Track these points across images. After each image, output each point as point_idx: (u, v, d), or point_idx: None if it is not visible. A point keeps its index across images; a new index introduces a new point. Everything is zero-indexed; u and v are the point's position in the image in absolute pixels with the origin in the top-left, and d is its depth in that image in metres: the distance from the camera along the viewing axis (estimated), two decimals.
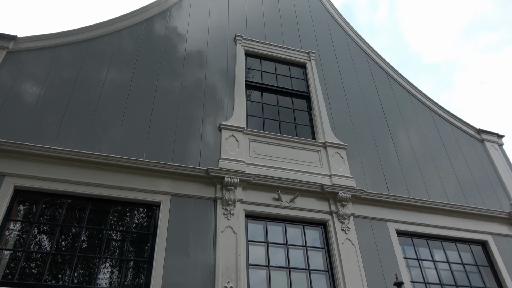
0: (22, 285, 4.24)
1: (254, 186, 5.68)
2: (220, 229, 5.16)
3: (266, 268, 5.20)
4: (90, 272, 4.60)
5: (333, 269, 5.39)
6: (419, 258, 6.06)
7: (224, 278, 4.78)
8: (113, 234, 4.95)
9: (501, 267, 6.27)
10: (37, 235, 4.70)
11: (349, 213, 5.85)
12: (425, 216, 6.37)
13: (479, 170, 7.58)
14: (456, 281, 6.02)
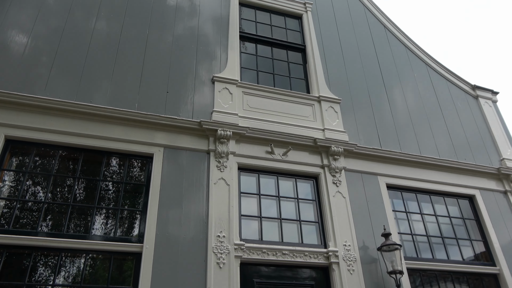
0: (18, 233, 4.31)
1: (247, 139, 5.68)
2: (213, 181, 5.21)
3: (258, 219, 5.32)
4: (85, 222, 4.67)
5: (323, 221, 5.53)
6: (407, 211, 6.22)
7: (217, 228, 4.89)
8: (107, 185, 4.99)
9: (486, 220, 6.46)
10: (31, 186, 4.72)
11: (341, 167, 5.92)
12: (416, 171, 6.47)
13: (471, 126, 7.63)
14: (442, 233, 6.22)
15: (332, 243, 5.28)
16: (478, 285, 5.98)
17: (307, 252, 5.13)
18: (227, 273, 4.63)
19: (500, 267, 6.04)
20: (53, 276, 4.26)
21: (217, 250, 4.73)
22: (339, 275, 5.05)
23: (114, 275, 4.49)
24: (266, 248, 4.99)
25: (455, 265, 5.86)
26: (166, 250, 4.59)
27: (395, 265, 5.08)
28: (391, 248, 5.17)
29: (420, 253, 5.89)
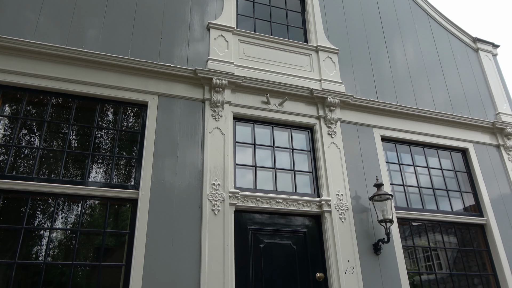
0: (14, 178, 4.34)
1: (242, 88, 5.61)
2: (208, 130, 5.20)
3: (252, 168, 5.37)
4: (81, 169, 4.70)
5: (317, 171, 5.60)
6: (401, 163, 6.30)
7: (212, 176, 4.94)
8: (101, 133, 4.97)
9: (477, 173, 6.57)
10: (25, 133, 4.70)
11: (337, 118, 5.91)
12: (411, 123, 6.48)
13: (470, 80, 7.56)
14: (433, 185, 6.34)
15: (325, 192, 5.38)
16: (465, 235, 6.19)
17: (300, 201, 5.24)
18: (222, 220, 4.73)
19: (488, 218, 6.22)
20: (50, 220, 4.34)
21: (212, 198, 4.81)
22: (331, 223, 5.19)
23: (111, 220, 4.58)
24: (260, 196, 5.08)
25: (444, 215, 6.03)
26: (161, 196, 4.66)
27: (385, 214, 5.21)
28: (382, 198, 5.27)
29: (411, 204, 6.03)
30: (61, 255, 4.29)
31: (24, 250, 4.17)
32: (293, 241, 5.10)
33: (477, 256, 6.07)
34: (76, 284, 4.20)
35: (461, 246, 6.04)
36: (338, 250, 5.02)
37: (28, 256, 4.17)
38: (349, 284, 4.86)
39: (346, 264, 4.98)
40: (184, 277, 4.34)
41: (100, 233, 4.45)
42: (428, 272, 5.73)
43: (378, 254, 5.23)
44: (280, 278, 4.83)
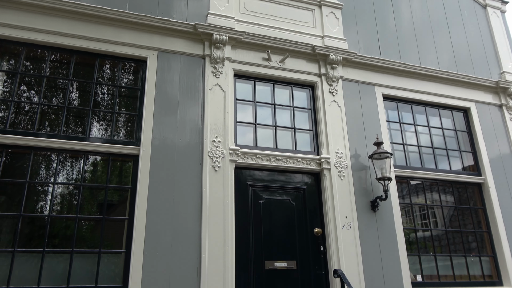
0: (16, 133, 4.36)
1: (243, 44, 5.51)
2: (209, 87, 5.16)
3: (253, 125, 5.38)
4: (82, 125, 4.71)
5: (317, 129, 5.60)
6: (401, 122, 6.28)
7: (212, 133, 4.96)
8: (101, 89, 4.94)
9: (478, 133, 6.56)
10: (24, 89, 4.67)
11: (338, 76, 5.84)
12: (414, 82, 6.41)
13: (476, 37, 7.39)
14: (433, 144, 6.36)
15: (325, 150, 5.41)
16: (463, 194, 6.27)
17: (300, 158, 5.28)
18: (222, 176, 4.80)
19: (485, 177, 6.28)
20: (53, 175, 4.40)
21: (212, 154, 4.84)
22: (330, 180, 5.25)
23: (113, 178, 4.65)
24: (260, 153, 5.12)
25: (442, 174, 6.09)
26: (162, 153, 4.69)
27: (384, 172, 5.26)
28: (382, 156, 5.31)
29: (410, 163, 6.07)
30: (65, 210, 4.39)
31: (29, 204, 4.26)
32: (292, 198, 5.19)
33: (473, 214, 6.18)
34: (81, 238, 4.32)
35: (457, 205, 6.14)
36: (336, 207, 5.11)
37: (33, 210, 4.27)
38: (346, 239, 5.00)
39: (343, 220, 5.09)
40: (185, 231, 4.46)
41: (103, 188, 4.53)
42: (423, 229, 5.87)
43: (375, 211, 5.34)
44: (279, 233, 4.96)
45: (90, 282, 4.14)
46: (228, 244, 4.51)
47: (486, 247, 6.04)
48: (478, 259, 5.91)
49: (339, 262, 4.86)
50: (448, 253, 5.75)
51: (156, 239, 4.34)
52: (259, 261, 4.75)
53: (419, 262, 5.53)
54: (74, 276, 4.12)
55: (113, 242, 4.43)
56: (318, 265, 4.96)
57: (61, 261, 4.14)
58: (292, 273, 4.84)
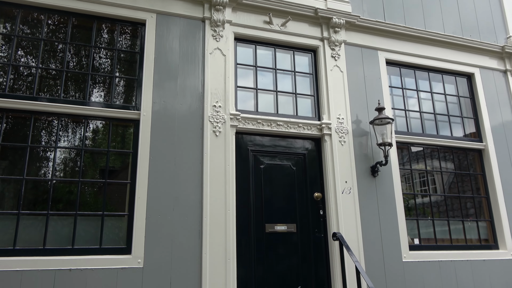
0: (15, 97, 4.33)
1: (244, 7, 5.37)
2: (209, 51, 5.08)
3: (254, 90, 5.33)
4: (81, 90, 4.67)
5: (319, 94, 5.55)
6: (404, 87, 6.22)
7: (213, 98, 4.92)
8: (100, 52, 4.87)
9: (481, 99, 6.51)
10: (22, 54, 4.60)
11: (341, 40, 5.73)
12: (418, 47, 6.29)
13: (483, 1, 7.19)
14: (435, 110, 6.32)
15: (326, 115, 5.39)
16: (463, 161, 6.29)
17: (301, 124, 5.27)
18: (223, 141, 4.80)
19: (486, 143, 6.28)
20: (54, 140, 4.41)
21: (213, 119, 4.83)
22: (330, 146, 5.26)
23: (115, 144, 4.66)
24: (261, 119, 5.10)
25: (443, 140, 6.08)
26: (163, 117, 4.68)
27: (385, 138, 5.26)
28: (383, 121, 5.29)
29: (411, 129, 6.06)
30: (68, 175, 4.43)
31: (31, 170, 4.29)
32: (293, 163, 5.22)
33: (472, 181, 6.23)
34: (84, 203, 4.37)
35: (457, 171, 6.18)
36: (336, 172, 5.15)
37: (36, 175, 4.30)
38: (345, 203, 5.06)
39: (343, 185, 5.13)
40: (187, 195, 4.51)
41: (104, 153, 4.55)
42: (422, 194, 5.93)
43: (375, 176, 5.37)
44: (279, 198, 5.02)
45: (95, 244, 4.23)
46: (229, 208, 4.57)
47: (483, 213, 6.13)
48: (476, 224, 6.00)
49: (338, 226, 4.94)
50: (446, 218, 5.84)
51: (158, 203, 4.40)
52: (259, 224, 4.84)
53: (417, 227, 5.62)
54: (79, 238, 4.21)
55: (116, 207, 4.50)
56: (317, 229, 5.05)
57: (65, 224, 4.22)
58: (292, 236, 4.93)
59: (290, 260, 4.85)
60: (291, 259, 4.86)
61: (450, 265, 5.41)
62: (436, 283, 5.26)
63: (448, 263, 5.41)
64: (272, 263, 4.77)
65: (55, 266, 3.91)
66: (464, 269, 5.47)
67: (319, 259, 4.96)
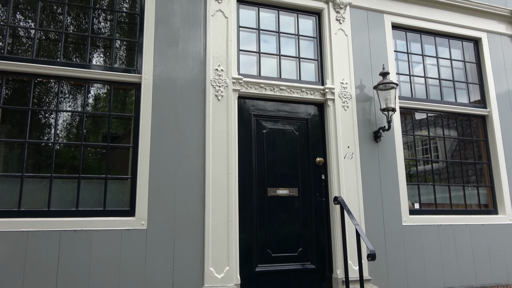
0: (15, 59, 4.27)
1: None
2: (211, 13, 4.96)
3: (256, 54, 5.24)
4: (81, 53, 4.60)
5: (322, 58, 5.46)
6: (409, 52, 6.11)
7: (215, 61, 4.85)
8: (99, 15, 4.76)
9: (487, 64, 6.41)
10: (20, 19, 4.50)
11: (346, 2, 5.58)
12: (425, 10, 6.13)
13: None
14: (440, 75, 6.23)
15: (329, 80, 5.32)
16: (466, 129, 6.25)
17: (304, 89, 5.21)
18: (225, 105, 4.77)
19: (491, 109, 6.23)
20: (55, 103, 4.39)
21: (215, 83, 4.78)
22: (333, 111, 5.22)
23: (116, 106, 4.63)
24: (263, 83, 5.04)
25: (447, 106, 6.03)
26: (164, 81, 4.63)
27: (388, 103, 5.21)
28: (387, 86, 5.23)
29: (415, 94, 5.99)
30: (70, 139, 4.43)
31: (33, 134, 4.29)
32: (295, 128, 5.20)
33: (475, 148, 6.22)
34: (88, 168, 4.39)
35: (460, 137, 6.16)
36: (339, 137, 5.14)
37: (38, 139, 4.31)
38: (347, 168, 5.08)
39: (346, 150, 5.13)
40: (189, 159, 4.52)
41: (106, 117, 4.53)
42: (424, 159, 5.95)
43: (377, 142, 5.36)
44: (282, 162, 5.04)
45: (99, 207, 4.28)
46: (231, 172, 4.60)
47: (484, 179, 6.16)
48: (476, 190, 6.05)
49: (339, 190, 4.98)
50: (447, 184, 5.88)
51: (161, 167, 4.42)
52: (261, 188, 4.88)
53: (418, 192, 5.67)
54: (83, 201, 4.26)
55: (119, 171, 4.52)
56: (319, 193, 5.09)
57: (69, 187, 4.26)
58: (294, 200, 4.99)
59: (292, 224, 4.92)
60: (292, 223, 4.93)
61: (449, 229, 5.49)
62: (435, 246, 5.36)
63: (447, 227, 5.49)
64: (274, 226, 4.84)
65: (60, 227, 3.98)
66: (462, 233, 5.55)
67: (320, 222, 5.03)
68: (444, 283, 5.31)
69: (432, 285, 5.25)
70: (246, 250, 4.65)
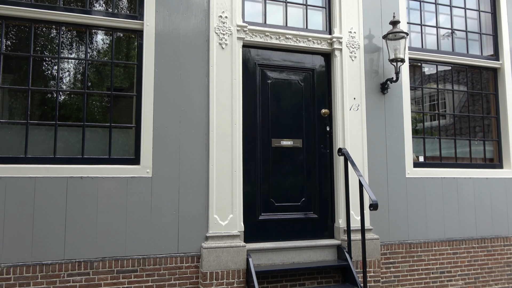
0: (11, 3, 4.16)
1: None
2: None
3: (262, 1, 5.06)
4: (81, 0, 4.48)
5: (331, 6, 5.27)
6: (422, 0, 5.86)
7: (219, 8, 4.69)
8: None
9: (503, 14, 6.19)
10: None
11: None
12: None
13: None
14: (452, 25, 6.01)
15: (337, 29, 5.15)
16: (476, 83, 6.10)
17: (311, 37, 5.06)
18: (229, 54, 4.66)
19: (503, 61, 6.06)
20: (57, 49, 4.31)
21: (219, 31, 4.65)
22: (341, 61, 5.10)
23: (118, 54, 4.54)
24: (269, 31, 4.90)
25: (458, 57, 5.86)
26: (167, 27, 4.50)
27: (397, 53, 5.07)
28: (397, 36, 5.06)
29: (426, 45, 5.81)
30: (74, 87, 4.39)
31: (36, 82, 4.25)
32: (301, 78, 5.11)
33: (484, 103, 6.09)
34: (93, 119, 4.37)
35: (470, 90, 6.03)
36: (345, 88, 5.04)
37: (40, 87, 4.27)
38: (352, 120, 5.03)
39: (351, 101, 5.06)
40: (193, 108, 4.49)
41: (109, 64, 4.46)
42: (431, 113, 5.87)
43: (384, 93, 5.27)
44: (286, 113, 4.99)
45: (104, 155, 4.32)
46: (235, 122, 4.57)
47: (491, 133, 6.09)
48: (482, 145, 6.00)
49: (344, 142, 4.96)
50: (453, 137, 5.83)
51: (165, 116, 4.40)
52: (266, 139, 4.87)
53: (423, 145, 5.64)
54: (88, 150, 4.29)
55: (124, 121, 4.51)
56: (323, 144, 5.08)
57: (74, 137, 4.28)
58: (298, 151, 4.99)
59: (295, 174, 4.96)
60: (296, 173, 4.96)
61: (453, 182, 5.50)
62: (437, 198, 5.40)
63: (451, 180, 5.50)
64: (277, 176, 4.88)
65: (66, 173, 4.04)
66: (466, 186, 5.57)
67: (323, 174, 5.06)
68: (445, 234, 5.41)
69: (432, 236, 5.34)
70: (250, 199, 4.72)
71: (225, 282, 4.28)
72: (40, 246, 3.89)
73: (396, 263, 5.12)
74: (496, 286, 5.62)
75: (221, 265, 4.27)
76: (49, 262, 3.89)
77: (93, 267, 4.02)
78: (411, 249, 5.20)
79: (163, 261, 4.23)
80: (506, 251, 5.70)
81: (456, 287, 5.39)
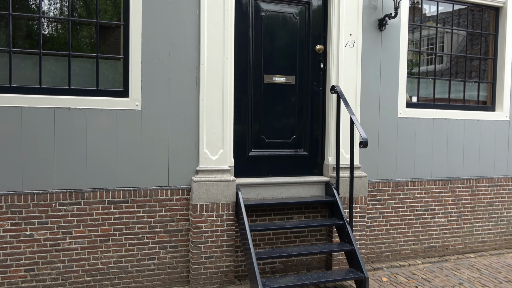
0: None
1: None
2: None
3: None
4: None
5: None
6: None
7: None
8: None
9: None
10: None
11: None
12: None
13: None
14: None
15: None
16: (477, 26, 5.90)
17: None
18: None
19: (506, 0, 5.84)
20: None
21: None
22: None
23: None
24: None
25: None
26: None
27: None
28: None
29: None
30: (60, 14, 4.18)
31: (17, 9, 4.03)
32: (296, 12, 4.90)
33: (483, 45, 5.94)
34: (79, 50, 4.21)
35: (469, 33, 5.86)
36: (342, 23, 4.87)
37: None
38: (347, 56, 4.90)
39: (347, 37, 4.90)
40: (183, 39, 4.33)
41: None
42: (428, 52, 5.74)
43: (382, 30, 5.11)
44: (280, 49, 4.85)
45: (92, 87, 4.22)
46: (227, 55, 4.44)
47: (487, 75, 6.02)
48: (477, 87, 5.95)
49: (337, 80, 4.88)
50: (448, 78, 5.76)
51: (154, 47, 4.25)
52: (258, 74, 4.76)
53: (417, 85, 5.58)
54: (75, 81, 4.18)
55: (111, 50, 4.36)
56: (316, 82, 4.99)
57: (61, 67, 4.14)
58: (290, 87, 4.91)
59: (287, 111, 4.92)
60: (288, 110, 4.92)
61: (444, 123, 5.52)
62: (427, 139, 5.44)
63: (442, 121, 5.51)
64: (269, 112, 4.84)
65: (53, 104, 3.96)
66: (457, 127, 5.59)
67: (315, 112, 5.02)
68: (432, 174, 5.51)
69: (419, 176, 5.44)
70: (241, 135, 4.71)
71: (215, 215, 4.38)
72: (30, 176, 3.90)
73: (382, 200, 5.25)
74: (477, 224, 5.83)
75: (211, 198, 4.35)
76: (40, 192, 3.93)
77: (84, 197, 4.07)
78: (397, 187, 5.32)
79: (153, 193, 4.30)
80: (490, 191, 5.85)
81: (439, 223, 5.59)
